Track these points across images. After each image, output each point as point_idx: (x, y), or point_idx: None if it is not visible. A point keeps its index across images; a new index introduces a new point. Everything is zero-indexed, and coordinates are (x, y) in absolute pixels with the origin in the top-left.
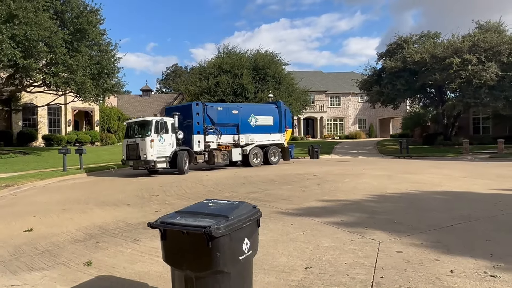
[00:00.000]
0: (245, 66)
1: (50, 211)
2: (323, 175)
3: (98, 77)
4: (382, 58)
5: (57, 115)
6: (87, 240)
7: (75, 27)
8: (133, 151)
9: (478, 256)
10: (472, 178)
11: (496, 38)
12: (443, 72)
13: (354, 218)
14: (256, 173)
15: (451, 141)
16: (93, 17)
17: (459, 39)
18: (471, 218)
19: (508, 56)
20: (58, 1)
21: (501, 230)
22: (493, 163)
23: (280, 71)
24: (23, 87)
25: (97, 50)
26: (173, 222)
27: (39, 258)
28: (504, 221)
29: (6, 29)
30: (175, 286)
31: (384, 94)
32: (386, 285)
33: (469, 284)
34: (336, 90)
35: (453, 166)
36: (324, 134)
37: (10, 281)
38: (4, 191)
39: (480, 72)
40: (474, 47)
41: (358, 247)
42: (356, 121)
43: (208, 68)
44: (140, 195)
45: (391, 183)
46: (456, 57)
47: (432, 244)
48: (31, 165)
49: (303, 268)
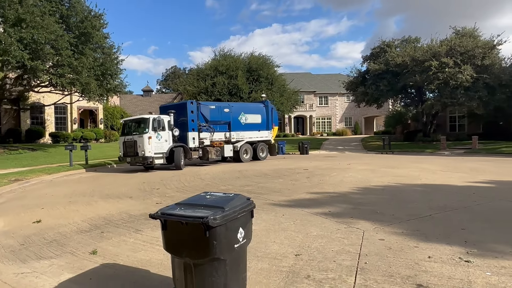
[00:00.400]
0: (239, 68)
1: (57, 204)
2: (312, 169)
3: (102, 78)
4: (366, 61)
5: (63, 114)
6: (92, 231)
7: (80, 30)
8: (130, 148)
9: (453, 243)
10: (449, 172)
11: (471, 42)
12: (423, 74)
13: (340, 209)
14: (249, 168)
15: (430, 137)
16: (97, 21)
17: (437, 43)
18: (447, 208)
19: (482, 60)
20: (64, 6)
21: (474, 219)
22: (467, 158)
23: (272, 73)
24: (31, 87)
25: (100, 52)
26: (173, 213)
27: (47, 247)
28: (478, 211)
29: (14, 32)
30: (175, 273)
31: (369, 94)
32: (369, 270)
33: (445, 268)
34: (324, 91)
35: (431, 160)
36: (313, 131)
37: (20, 269)
38: (13, 185)
39: (457, 74)
40: (451, 51)
41: (344, 236)
42: (343, 119)
43: (205, 69)
44: (142, 188)
45: (374, 177)
46: (434, 60)
47: (411, 233)
48: (39, 161)
49: (293, 255)
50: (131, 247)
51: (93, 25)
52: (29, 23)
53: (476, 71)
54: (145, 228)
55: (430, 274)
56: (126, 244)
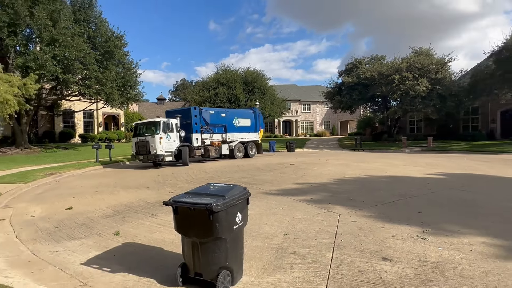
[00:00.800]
0: (237, 80)
1: (86, 193)
2: (297, 164)
3: (123, 88)
4: (342, 75)
5: (91, 118)
6: (115, 215)
7: (104, 49)
8: (143, 147)
9: (412, 224)
10: (408, 166)
11: (427, 60)
12: (388, 86)
13: (320, 197)
14: (245, 163)
15: (393, 138)
16: (118, 41)
17: (399, 60)
18: (407, 195)
19: (435, 74)
20: (91, 28)
21: (429, 204)
22: (424, 154)
23: (264, 85)
24: (63, 96)
25: (122, 67)
26: (182, 200)
27: (77, 230)
28: (432, 198)
29: (49, 50)
30: (184, 250)
31: (343, 102)
32: (344, 246)
33: (405, 245)
34: (307, 99)
35: (395, 156)
36: (298, 133)
37: (55, 248)
38: (49, 178)
39: (415, 86)
40: (410, 67)
41: (323, 219)
42: (322, 123)
43: (209, 82)
44: (157, 180)
45: (348, 170)
46: (397, 75)
47: (378, 215)
48: (70, 158)
49: (282, 234)
50: (148, 229)
51: (115, 45)
52: (61, 43)
53: (431, 83)
54: (159, 213)
55: (393, 249)
56: (143, 226)
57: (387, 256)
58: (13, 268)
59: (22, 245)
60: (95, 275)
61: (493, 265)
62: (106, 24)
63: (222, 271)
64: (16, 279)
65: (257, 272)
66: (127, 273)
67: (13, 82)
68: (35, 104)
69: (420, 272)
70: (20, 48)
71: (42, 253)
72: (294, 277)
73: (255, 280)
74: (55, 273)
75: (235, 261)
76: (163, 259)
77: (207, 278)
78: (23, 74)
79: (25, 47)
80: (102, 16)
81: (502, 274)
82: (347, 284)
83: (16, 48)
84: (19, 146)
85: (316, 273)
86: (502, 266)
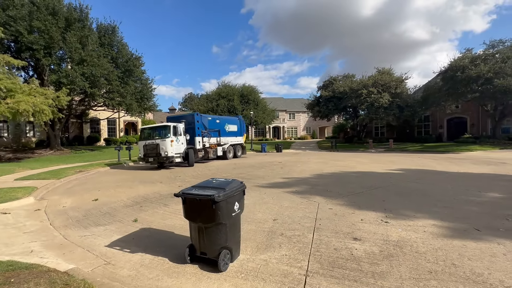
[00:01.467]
0: (235, 94)
1: (109, 187)
2: (284, 162)
3: (141, 100)
4: (320, 90)
5: (113, 125)
6: (134, 206)
7: (125, 68)
8: (152, 150)
9: (377, 210)
10: (374, 163)
11: (388, 77)
12: (357, 99)
13: (303, 189)
14: (241, 162)
15: (362, 140)
16: (137, 61)
17: (366, 78)
18: (373, 187)
19: (395, 89)
20: (114, 51)
21: (391, 194)
22: (386, 154)
23: (257, 97)
24: (90, 107)
25: (140, 83)
26: (190, 192)
27: (102, 217)
28: (393, 189)
29: (78, 69)
30: (192, 233)
31: (321, 112)
32: (322, 229)
33: (372, 227)
34: (293, 109)
35: (363, 156)
36: (285, 137)
37: (83, 232)
38: (78, 174)
39: (379, 99)
40: (375, 83)
41: (305, 206)
42: (305, 128)
43: (212, 95)
44: (169, 176)
45: (326, 167)
46: (364, 89)
47: (350, 204)
48: (96, 158)
49: (272, 220)
50: (161, 216)
51: (134, 64)
52: (89, 63)
53: (391, 96)
54: (171, 203)
55: (362, 231)
56: (157, 214)
57: (357, 237)
58: (48, 250)
59: (56, 231)
60: (117, 255)
61: (442, 243)
62: (127, 47)
63: (223, 251)
64: (50, 259)
65: (252, 251)
66: (143, 253)
67: (48, 95)
68: (67, 113)
69: (384, 249)
70: (54, 67)
71: (72, 237)
72: (282, 255)
73: (250, 258)
74: (83, 254)
75: (234, 242)
76: (174, 241)
77: (210, 256)
78: (56, 88)
79: (58, 66)
80: (123, 40)
81: (448, 250)
82: (325, 259)
83: (50, 66)
84: (53, 148)
85: (300, 251)
86: (448, 243)
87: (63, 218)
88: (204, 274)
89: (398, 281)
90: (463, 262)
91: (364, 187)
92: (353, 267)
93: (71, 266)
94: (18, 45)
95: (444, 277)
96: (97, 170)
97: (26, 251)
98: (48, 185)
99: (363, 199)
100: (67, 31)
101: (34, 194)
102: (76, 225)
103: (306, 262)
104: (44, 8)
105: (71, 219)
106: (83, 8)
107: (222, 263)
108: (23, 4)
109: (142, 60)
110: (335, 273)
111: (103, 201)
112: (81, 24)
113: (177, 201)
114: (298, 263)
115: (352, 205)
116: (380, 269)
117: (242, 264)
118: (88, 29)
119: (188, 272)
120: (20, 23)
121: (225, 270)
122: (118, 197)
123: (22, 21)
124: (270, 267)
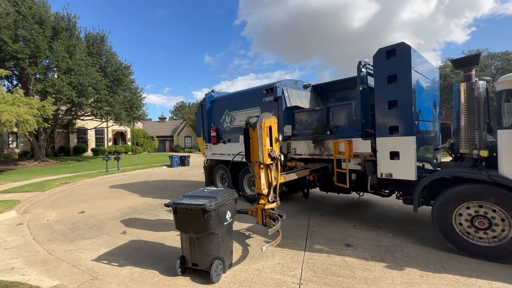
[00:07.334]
0: None
1: (97, 199)
2: None
3: (130, 109)
4: None
5: (101, 135)
6: (123, 217)
7: (114, 77)
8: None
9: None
10: None
11: None
12: None
13: (295, 197)
14: None
15: None
16: (126, 70)
17: None
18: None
19: None
20: (102, 60)
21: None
22: None
23: None
24: (78, 116)
25: (129, 92)
26: (181, 202)
27: (89, 230)
28: None
29: (65, 78)
30: (183, 244)
31: None
32: (315, 236)
33: (364, 233)
34: None
35: None
36: None
37: (69, 247)
38: (64, 186)
39: None
40: None
41: (297, 214)
42: None
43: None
44: (159, 186)
45: None
46: None
47: (341, 211)
48: (83, 168)
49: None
50: (151, 227)
51: (123, 73)
52: (76, 72)
53: None
54: (161, 214)
55: (354, 237)
56: (147, 225)
57: (349, 243)
58: (30, 266)
59: (39, 246)
60: (104, 269)
61: (431, 247)
62: (116, 56)
63: (215, 261)
64: (32, 276)
65: (244, 260)
66: (133, 266)
67: (33, 105)
68: (52, 123)
69: (376, 255)
70: (40, 76)
71: (57, 252)
72: (275, 263)
73: (243, 267)
74: (68, 269)
75: (226, 252)
76: (164, 253)
77: (202, 267)
78: (42, 97)
79: (44, 75)
80: (112, 50)
81: (439, 254)
82: (318, 267)
83: (36, 76)
84: (37, 160)
85: (293, 259)
86: (438, 247)
87: (47, 232)
88: (196, 286)
89: (391, 286)
90: (452, 265)
91: None
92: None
93: (56, 282)
94: (1, 54)
95: (434, 280)
96: (84, 181)
97: (7, 268)
98: (31, 198)
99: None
100: (54, 40)
101: (16, 207)
102: (61, 239)
103: (300, 271)
104: (30, 17)
105: (55, 233)
106: (71, 17)
107: (214, 274)
108: (8, 13)
109: (131, 69)
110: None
111: (90, 213)
112: (69, 33)
113: (168, 211)
114: (291, 271)
115: (341, 214)
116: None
117: (234, 275)
118: (76, 38)
119: (179, 284)
120: (5, 32)
121: (217, 281)
122: (106, 208)
123: (7, 30)
124: (264, 276)
